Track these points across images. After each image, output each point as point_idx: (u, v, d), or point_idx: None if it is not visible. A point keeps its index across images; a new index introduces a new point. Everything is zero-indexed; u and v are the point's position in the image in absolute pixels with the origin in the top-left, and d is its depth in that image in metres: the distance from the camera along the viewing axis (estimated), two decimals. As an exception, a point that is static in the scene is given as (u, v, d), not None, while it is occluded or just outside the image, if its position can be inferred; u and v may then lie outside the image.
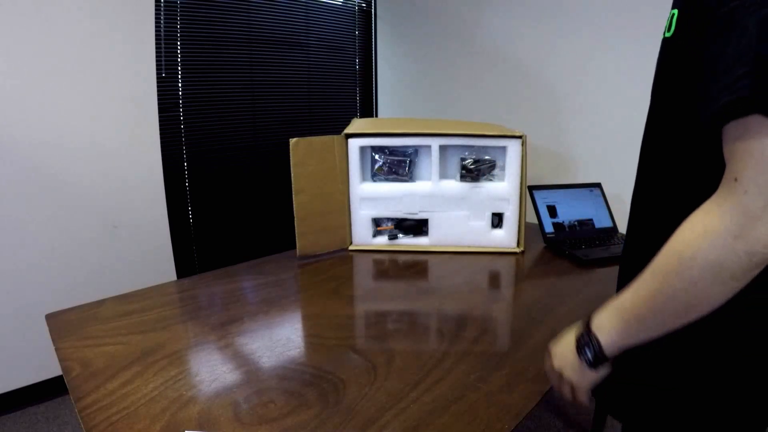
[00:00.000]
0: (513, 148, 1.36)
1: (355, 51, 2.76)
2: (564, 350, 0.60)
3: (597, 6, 1.82)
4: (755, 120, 0.40)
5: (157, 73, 1.89)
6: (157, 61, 1.87)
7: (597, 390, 0.67)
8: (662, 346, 0.56)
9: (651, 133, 0.60)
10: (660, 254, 0.48)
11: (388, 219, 1.44)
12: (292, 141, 1.27)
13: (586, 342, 0.56)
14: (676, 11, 0.52)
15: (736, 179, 0.42)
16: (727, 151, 0.43)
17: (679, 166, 0.54)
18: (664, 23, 0.56)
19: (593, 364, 0.55)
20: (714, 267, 0.42)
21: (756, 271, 0.43)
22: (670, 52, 0.54)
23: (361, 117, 2.83)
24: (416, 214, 1.41)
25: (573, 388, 0.60)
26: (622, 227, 1.47)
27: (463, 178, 1.39)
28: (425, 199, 1.40)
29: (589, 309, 0.74)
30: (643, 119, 0.65)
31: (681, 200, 0.53)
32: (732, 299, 0.48)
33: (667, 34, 0.54)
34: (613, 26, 1.79)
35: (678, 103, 0.53)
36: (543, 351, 0.84)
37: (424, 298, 1.09)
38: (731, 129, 0.43)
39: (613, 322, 0.53)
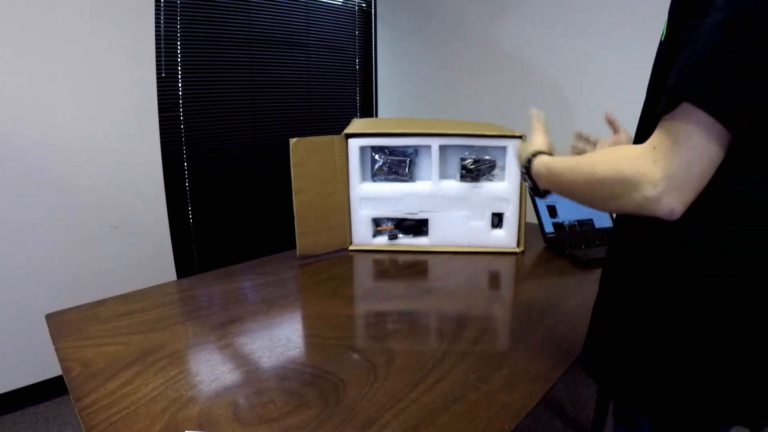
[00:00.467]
0: (513, 148, 1.36)
1: (355, 51, 2.76)
2: (521, 150, 0.84)
3: (598, 6, 1.82)
4: (684, 106, 0.47)
5: (157, 73, 1.89)
6: (157, 61, 1.87)
7: (597, 374, 0.68)
8: (650, 324, 0.59)
9: (640, 131, 0.63)
10: (589, 159, 0.59)
11: (388, 219, 1.44)
12: (292, 141, 1.27)
13: (525, 174, 0.77)
14: (667, 18, 0.57)
15: (654, 147, 0.49)
16: (660, 123, 0.50)
17: None
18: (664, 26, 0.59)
19: (526, 182, 0.78)
20: (610, 194, 0.53)
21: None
22: (661, 56, 0.58)
23: (361, 117, 2.83)
24: (416, 214, 1.41)
25: None
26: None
27: (463, 178, 1.39)
28: (425, 199, 1.40)
29: (589, 309, 0.75)
30: (644, 119, 0.66)
31: None
32: (714, 274, 0.54)
33: (662, 39, 0.58)
34: (615, 27, 1.79)
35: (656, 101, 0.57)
36: (543, 351, 0.84)
37: (424, 298, 1.09)
38: (672, 113, 0.49)
39: (542, 170, 0.72)
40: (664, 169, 0.48)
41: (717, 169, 0.48)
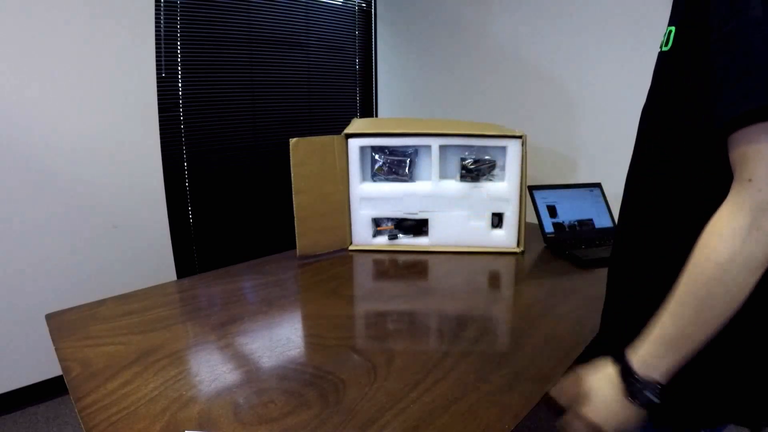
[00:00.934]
0: (513, 148, 1.36)
1: (355, 51, 2.76)
2: (605, 405, 0.57)
3: (598, 6, 1.82)
4: (765, 126, 0.45)
5: (157, 73, 1.89)
6: (157, 61, 1.87)
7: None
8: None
9: (645, 137, 0.63)
10: (689, 270, 0.50)
11: (388, 219, 1.44)
12: (292, 141, 1.27)
13: (641, 389, 0.53)
14: (673, 28, 0.55)
15: (750, 180, 0.46)
16: (737, 154, 0.48)
17: (671, 170, 0.57)
18: (666, 25, 0.58)
19: (656, 404, 0.53)
20: (748, 261, 0.47)
21: None
22: (667, 65, 0.57)
23: (361, 117, 2.83)
24: (416, 214, 1.41)
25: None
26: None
27: (463, 178, 1.39)
28: (425, 199, 1.40)
29: (589, 309, 0.75)
30: (644, 119, 0.66)
31: (673, 201, 0.57)
32: None
33: (665, 48, 0.57)
34: (614, 27, 1.79)
35: (674, 113, 0.56)
36: (543, 351, 0.84)
37: (424, 298, 1.09)
38: (742, 134, 0.47)
39: (667, 357, 0.52)
40: None
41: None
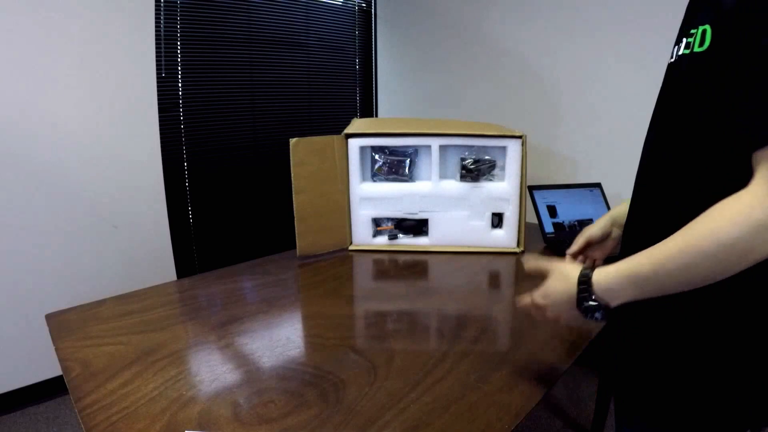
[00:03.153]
0: (513, 148, 1.36)
1: (355, 51, 2.75)
2: (563, 305, 0.64)
3: (598, 6, 1.82)
4: None
5: (157, 73, 1.89)
6: (157, 61, 1.87)
7: (602, 377, 0.69)
8: (668, 340, 0.59)
9: (664, 134, 0.62)
10: (689, 232, 0.51)
11: (388, 219, 1.44)
12: (292, 141, 1.27)
13: (594, 308, 0.59)
14: (708, 27, 0.53)
15: None
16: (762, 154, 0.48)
17: (691, 169, 0.57)
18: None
19: (600, 320, 0.60)
20: (747, 251, 0.48)
21: None
22: (703, 66, 0.55)
23: (361, 117, 2.83)
24: (416, 214, 1.41)
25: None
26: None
27: (463, 178, 1.39)
28: (425, 199, 1.40)
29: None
30: (644, 119, 0.67)
31: (689, 197, 0.57)
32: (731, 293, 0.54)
33: (699, 49, 0.55)
34: (615, 27, 1.79)
35: (707, 113, 0.54)
36: (543, 351, 0.84)
37: (424, 298, 1.09)
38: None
39: (627, 289, 0.56)
40: None
41: None
